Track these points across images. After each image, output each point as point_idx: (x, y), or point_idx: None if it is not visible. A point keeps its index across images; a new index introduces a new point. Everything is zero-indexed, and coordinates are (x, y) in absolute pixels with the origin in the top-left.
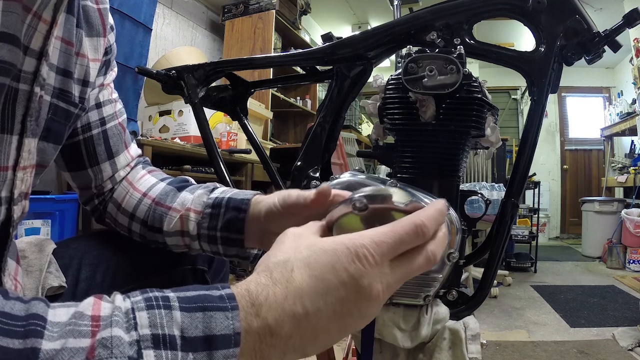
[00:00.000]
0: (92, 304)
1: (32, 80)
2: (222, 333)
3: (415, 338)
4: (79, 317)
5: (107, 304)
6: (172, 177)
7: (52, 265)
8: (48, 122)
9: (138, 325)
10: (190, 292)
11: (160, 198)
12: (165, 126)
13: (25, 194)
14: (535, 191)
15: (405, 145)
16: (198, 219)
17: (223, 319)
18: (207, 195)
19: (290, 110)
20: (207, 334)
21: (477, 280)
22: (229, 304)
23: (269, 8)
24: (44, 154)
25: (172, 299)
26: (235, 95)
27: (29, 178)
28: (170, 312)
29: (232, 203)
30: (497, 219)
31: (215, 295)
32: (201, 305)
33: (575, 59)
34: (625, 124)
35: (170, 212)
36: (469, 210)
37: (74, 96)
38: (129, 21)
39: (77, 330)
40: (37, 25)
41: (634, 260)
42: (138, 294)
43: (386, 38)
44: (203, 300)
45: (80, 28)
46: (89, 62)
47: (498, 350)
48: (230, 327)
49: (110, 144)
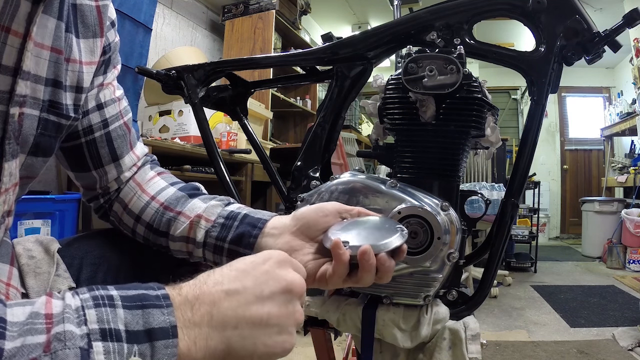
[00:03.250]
0: (45, 303)
1: (8, 99)
2: (160, 326)
3: (415, 338)
4: (34, 317)
5: (58, 302)
6: (183, 182)
7: (60, 267)
8: (37, 137)
9: (87, 321)
10: (130, 292)
11: (170, 203)
12: (165, 126)
13: (8, 212)
14: (535, 191)
15: (405, 145)
16: (208, 227)
17: (160, 315)
18: (221, 207)
19: (290, 110)
20: (148, 328)
21: (477, 280)
22: (164, 302)
23: (269, 8)
24: (32, 168)
25: (115, 298)
26: (235, 95)
27: (12, 197)
28: (114, 310)
29: (247, 219)
30: (497, 219)
31: (152, 294)
32: (140, 303)
33: (575, 59)
34: (625, 124)
35: (180, 217)
36: (469, 210)
37: (65, 107)
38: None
39: (33, 329)
40: (7, 39)
41: (634, 260)
42: (85, 291)
43: (386, 38)
44: (142, 299)
45: (69, 32)
46: (82, 67)
47: (498, 350)
48: (166, 321)
49: (114, 146)
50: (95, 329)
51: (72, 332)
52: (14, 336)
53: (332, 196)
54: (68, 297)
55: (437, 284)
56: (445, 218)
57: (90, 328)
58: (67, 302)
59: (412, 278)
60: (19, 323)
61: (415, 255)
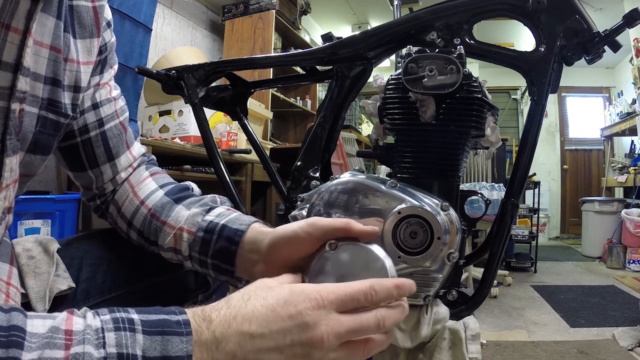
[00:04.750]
0: (66, 319)
1: (9, 95)
2: (177, 355)
3: (415, 338)
4: (54, 331)
5: (79, 320)
6: (174, 182)
7: (59, 267)
8: (36, 134)
9: (106, 345)
10: (152, 316)
11: (156, 210)
12: (165, 126)
13: (8, 208)
14: (535, 191)
15: (405, 145)
16: (190, 241)
17: (178, 343)
18: (202, 216)
19: (290, 110)
20: (164, 355)
21: (477, 280)
22: (184, 330)
23: (269, 8)
24: (31, 165)
25: (136, 322)
26: (235, 95)
27: (12, 193)
28: (134, 335)
29: (225, 231)
30: (497, 219)
31: (173, 320)
32: (160, 330)
33: (575, 59)
34: (625, 124)
35: (165, 228)
36: (469, 210)
37: (64, 105)
38: (129, 21)
39: (52, 343)
40: (7, 36)
41: (634, 260)
42: (106, 312)
43: (386, 38)
44: (162, 325)
45: (67, 32)
46: (80, 67)
47: (498, 350)
48: (184, 349)
49: (109, 145)
50: (112, 353)
51: (90, 354)
52: (32, 347)
53: (331, 196)
54: (89, 317)
55: (437, 284)
56: (445, 218)
57: (108, 352)
58: (88, 322)
59: (412, 278)
60: (39, 335)
61: (415, 255)
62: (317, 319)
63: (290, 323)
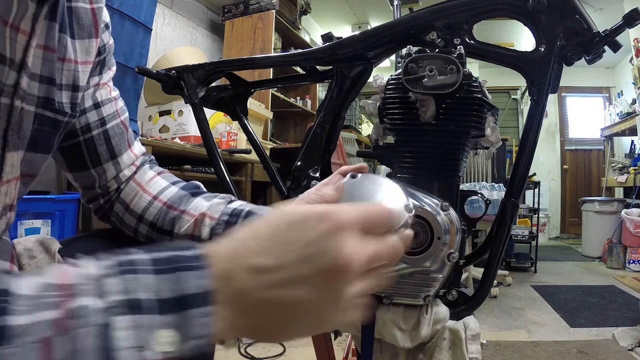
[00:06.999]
0: (59, 273)
1: (13, 93)
2: (195, 292)
3: (415, 338)
4: (46, 289)
5: (74, 270)
6: (183, 181)
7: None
8: (34, 132)
9: (109, 292)
10: (160, 254)
11: (173, 202)
12: (165, 126)
13: (10, 206)
14: (535, 191)
15: (405, 145)
16: (213, 225)
17: (195, 278)
18: (225, 205)
19: (290, 110)
20: (181, 295)
21: (477, 280)
22: (200, 263)
23: (269, 8)
24: (32, 164)
25: (142, 262)
26: (235, 96)
27: (14, 190)
28: (143, 276)
29: (251, 215)
30: (497, 219)
31: (185, 255)
32: (173, 266)
33: (575, 59)
34: (625, 124)
35: (184, 216)
36: (469, 210)
37: (61, 104)
38: (129, 21)
39: (44, 303)
40: (17, 37)
41: (634, 260)
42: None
43: (386, 38)
44: (174, 261)
45: (64, 33)
46: (78, 66)
47: (498, 350)
48: (204, 285)
49: (112, 143)
50: (118, 301)
51: (89, 307)
52: (22, 311)
53: None
54: (87, 265)
55: (437, 284)
56: (445, 218)
57: (112, 300)
58: (86, 270)
59: (412, 278)
60: (28, 297)
61: (415, 255)
62: (340, 241)
63: (310, 249)
